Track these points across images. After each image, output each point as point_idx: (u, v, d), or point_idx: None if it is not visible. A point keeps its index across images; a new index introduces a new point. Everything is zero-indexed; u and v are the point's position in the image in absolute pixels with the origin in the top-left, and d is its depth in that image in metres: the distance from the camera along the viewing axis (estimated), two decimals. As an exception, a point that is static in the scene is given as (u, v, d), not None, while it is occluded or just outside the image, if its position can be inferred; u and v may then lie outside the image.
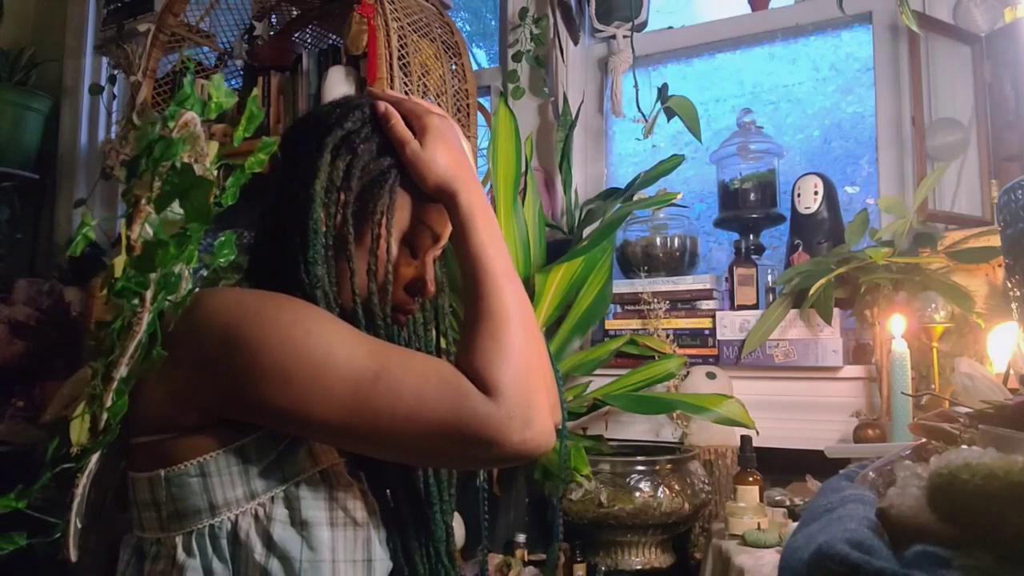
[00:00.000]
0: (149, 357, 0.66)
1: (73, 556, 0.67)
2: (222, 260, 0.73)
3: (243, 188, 0.79)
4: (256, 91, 0.83)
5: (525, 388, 0.72)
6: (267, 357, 0.68)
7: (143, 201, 0.67)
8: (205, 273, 0.78)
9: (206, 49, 2.44)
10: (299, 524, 0.74)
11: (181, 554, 0.72)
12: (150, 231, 0.67)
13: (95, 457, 0.69)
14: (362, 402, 0.68)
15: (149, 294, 0.66)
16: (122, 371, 0.66)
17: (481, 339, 0.74)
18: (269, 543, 0.72)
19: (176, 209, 0.68)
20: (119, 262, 0.66)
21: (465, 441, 0.69)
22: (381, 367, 0.69)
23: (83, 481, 0.67)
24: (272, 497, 0.74)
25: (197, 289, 0.75)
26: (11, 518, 0.64)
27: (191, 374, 0.71)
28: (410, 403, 0.68)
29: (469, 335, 0.75)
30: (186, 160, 0.68)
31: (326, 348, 0.69)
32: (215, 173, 0.73)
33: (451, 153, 0.82)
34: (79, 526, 0.67)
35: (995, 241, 1.53)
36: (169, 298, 0.69)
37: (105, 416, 0.66)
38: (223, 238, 0.75)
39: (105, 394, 0.65)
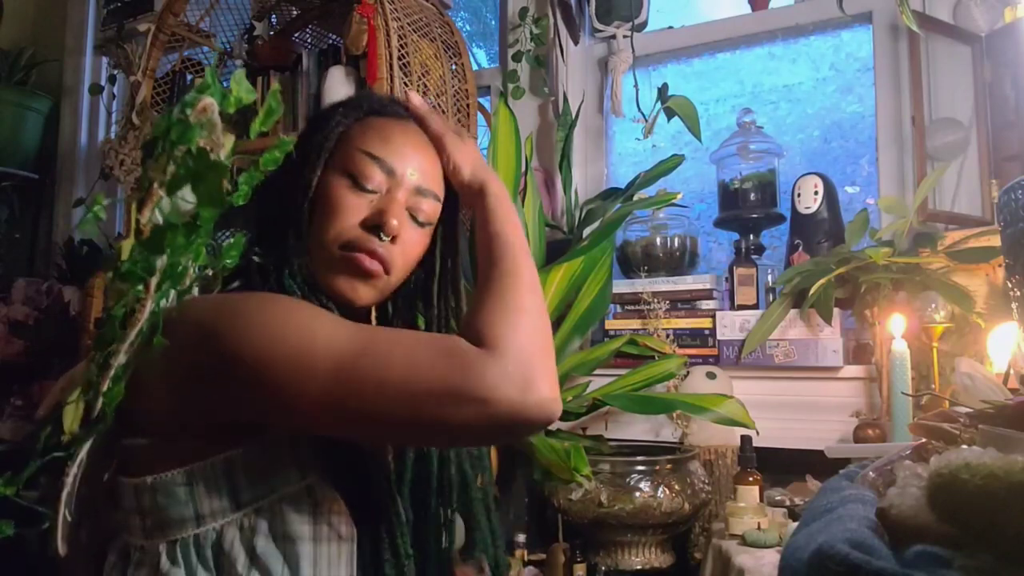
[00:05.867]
0: (149, 346, 0.65)
1: (62, 550, 0.66)
2: (228, 261, 0.72)
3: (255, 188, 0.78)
4: (277, 85, 0.82)
5: (528, 348, 0.69)
6: (248, 349, 0.67)
7: (156, 185, 0.66)
8: (210, 273, 0.77)
9: (206, 49, 2.43)
10: (282, 539, 0.73)
11: (165, 562, 0.72)
12: (160, 217, 0.66)
13: (86, 448, 0.68)
14: (346, 378, 0.66)
15: (154, 281, 0.66)
16: (120, 358, 0.66)
17: (488, 299, 0.75)
18: (252, 556, 0.72)
19: (188, 198, 0.67)
20: (126, 244, 0.65)
21: (458, 399, 0.65)
22: (367, 342, 0.68)
23: (73, 471, 0.66)
24: (257, 509, 0.73)
25: (195, 291, 0.74)
26: (1, 510, 0.63)
27: (184, 378, 0.70)
28: (400, 370, 0.66)
29: (476, 297, 0.76)
30: (202, 145, 0.68)
31: (305, 332, 0.68)
32: (229, 166, 0.73)
33: (478, 152, 0.90)
34: (68, 519, 0.67)
35: (995, 241, 1.53)
36: (174, 289, 0.68)
37: (100, 403, 0.65)
38: (232, 240, 0.74)
39: (101, 381, 0.65)
